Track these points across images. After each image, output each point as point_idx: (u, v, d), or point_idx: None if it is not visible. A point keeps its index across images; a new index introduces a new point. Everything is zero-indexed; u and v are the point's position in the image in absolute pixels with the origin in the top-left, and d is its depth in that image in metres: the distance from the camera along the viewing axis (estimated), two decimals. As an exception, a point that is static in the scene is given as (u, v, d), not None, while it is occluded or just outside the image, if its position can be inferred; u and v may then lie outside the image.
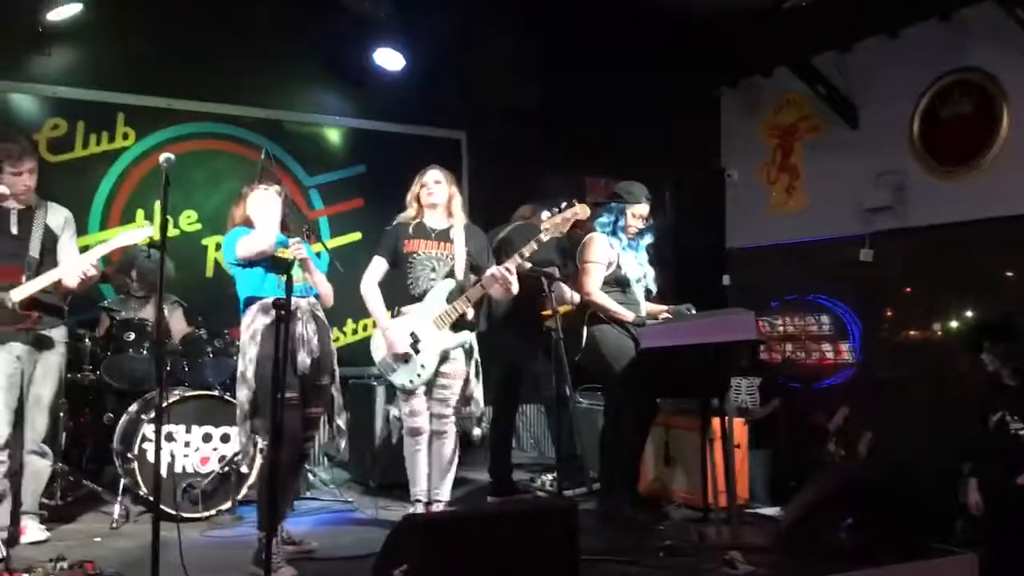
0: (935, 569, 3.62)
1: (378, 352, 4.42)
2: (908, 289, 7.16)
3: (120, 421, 4.87)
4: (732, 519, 4.28)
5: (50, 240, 4.31)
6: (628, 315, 4.58)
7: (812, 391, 7.60)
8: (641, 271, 4.79)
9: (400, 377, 4.34)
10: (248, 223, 4.07)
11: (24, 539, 4.18)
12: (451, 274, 4.38)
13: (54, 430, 4.38)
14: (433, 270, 4.37)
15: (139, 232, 4.30)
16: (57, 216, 4.37)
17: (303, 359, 3.86)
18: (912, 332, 7.18)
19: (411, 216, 4.45)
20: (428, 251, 4.38)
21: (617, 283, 4.69)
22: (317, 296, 4.09)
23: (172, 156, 3.32)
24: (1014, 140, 6.29)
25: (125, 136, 6.05)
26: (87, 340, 5.05)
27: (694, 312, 4.65)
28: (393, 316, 4.39)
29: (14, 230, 4.21)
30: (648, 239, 4.87)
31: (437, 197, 4.41)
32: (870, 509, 3.66)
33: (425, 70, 6.73)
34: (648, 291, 4.85)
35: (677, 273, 7.81)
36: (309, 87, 6.73)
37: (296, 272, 3.84)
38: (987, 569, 3.84)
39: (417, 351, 4.30)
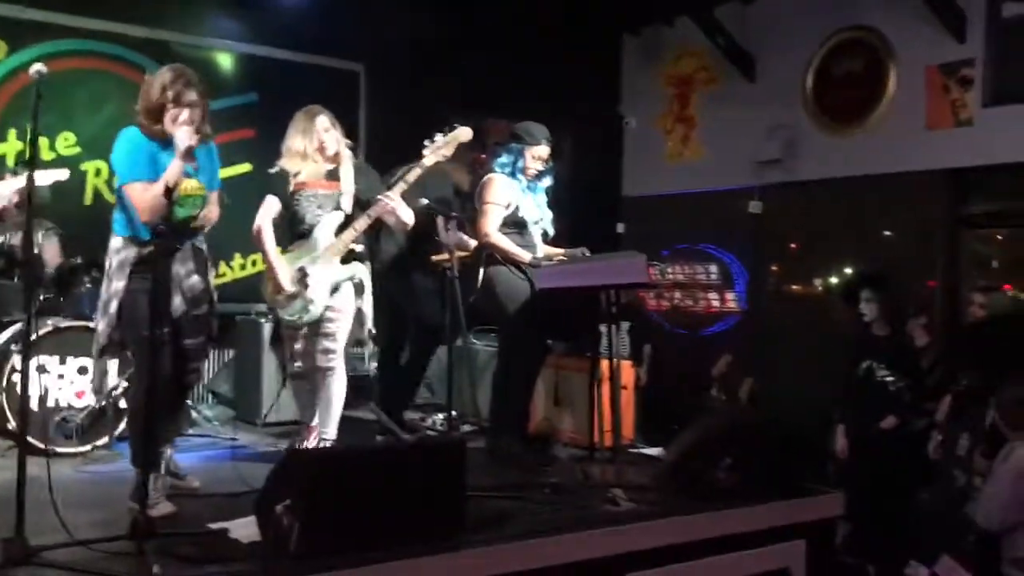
0: (804, 507, 3.79)
1: (267, 288, 4.35)
2: (793, 244, 7.40)
3: (-11, 352, 4.63)
4: (616, 458, 4.37)
5: None
6: (525, 256, 4.57)
7: (698, 337, 7.83)
8: (539, 213, 4.76)
9: (289, 312, 4.28)
10: (154, 130, 3.55)
11: None
12: (338, 208, 4.31)
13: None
14: (320, 207, 4.30)
15: (53, 173, 3.94)
16: None
17: (178, 303, 3.64)
18: (795, 283, 7.44)
19: (298, 163, 4.32)
20: (314, 189, 4.32)
21: (515, 225, 4.66)
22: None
23: (44, 68, 3.09)
24: (898, 100, 6.53)
25: None
26: (-50, 265, 4.76)
27: (589, 255, 4.68)
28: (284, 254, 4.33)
29: None
30: (547, 181, 4.84)
31: (331, 146, 4.33)
32: (748, 451, 3.78)
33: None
34: (545, 234, 4.84)
35: (572, 219, 7.84)
36: (200, 7, 6.39)
37: (190, 211, 3.61)
38: (850, 506, 4.07)
39: (306, 286, 4.23)
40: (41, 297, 4.87)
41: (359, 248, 4.38)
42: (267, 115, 6.43)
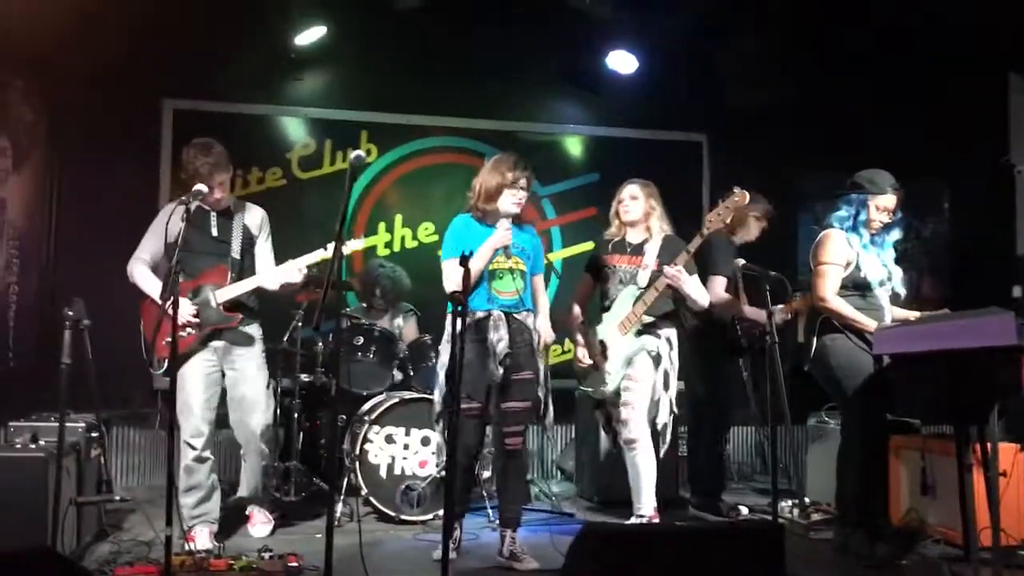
0: None
1: (574, 361, 4.58)
2: None
3: (350, 424, 5.03)
4: (996, 560, 3.60)
5: (248, 240, 4.35)
6: (869, 323, 4.02)
7: None
8: (885, 272, 4.19)
9: (590, 385, 4.48)
10: (486, 211, 4.02)
11: (250, 528, 4.41)
12: (634, 282, 4.37)
13: (274, 428, 4.48)
14: (621, 282, 4.43)
15: (350, 244, 4.36)
16: (254, 216, 4.40)
17: (492, 369, 3.88)
18: None
19: (613, 233, 4.54)
20: (621, 264, 4.45)
21: (856, 286, 4.14)
22: (530, 309, 4.10)
23: (363, 153, 3.34)
24: None
25: (368, 152, 6.30)
26: (320, 343, 5.27)
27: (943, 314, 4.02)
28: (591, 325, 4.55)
29: (214, 232, 4.26)
30: (895, 235, 4.26)
31: (632, 214, 4.46)
32: None
33: (660, 71, 6.49)
34: (895, 294, 4.25)
35: (956, 283, 6.94)
36: (542, 97, 6.71)
37: (507, 285, 3.97)
38: None
39: (606, 357, 4.39)
40: (396, 372, 5.23)
41: (653, 320, 4.38)
42: (608, 193, 6.47)
